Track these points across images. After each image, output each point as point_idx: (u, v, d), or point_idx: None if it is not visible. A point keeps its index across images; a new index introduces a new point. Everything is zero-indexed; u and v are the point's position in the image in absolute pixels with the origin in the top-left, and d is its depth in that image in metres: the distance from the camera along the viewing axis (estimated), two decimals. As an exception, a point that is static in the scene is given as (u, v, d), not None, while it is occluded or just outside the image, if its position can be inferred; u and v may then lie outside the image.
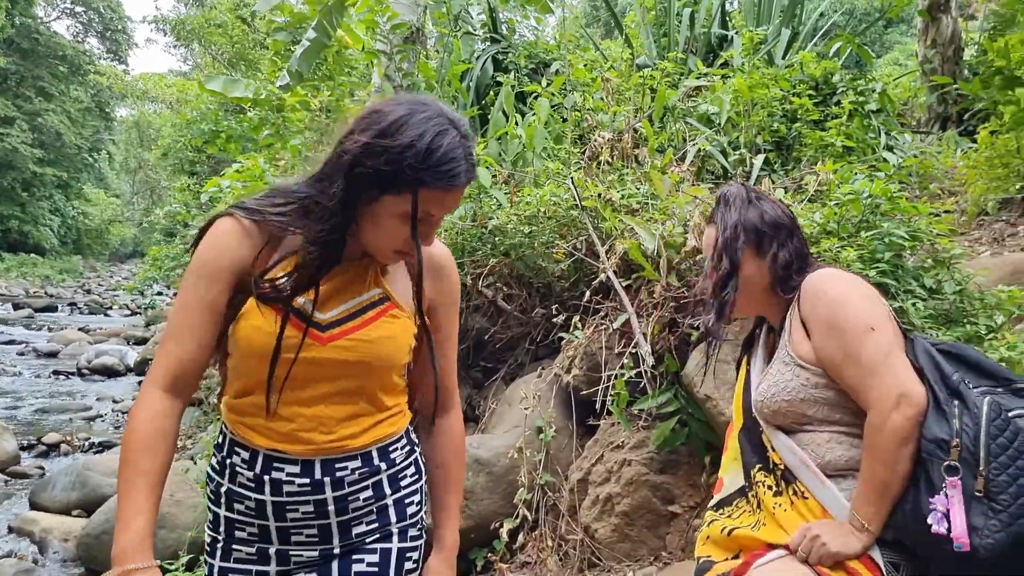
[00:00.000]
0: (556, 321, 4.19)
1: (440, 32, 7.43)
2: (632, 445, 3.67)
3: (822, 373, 1.82)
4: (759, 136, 5.85)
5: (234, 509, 1.55)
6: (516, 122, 5.33)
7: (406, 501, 1.64)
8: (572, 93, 6.09)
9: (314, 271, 1.44)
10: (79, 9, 43.57)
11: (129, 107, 45.35)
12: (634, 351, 3.57)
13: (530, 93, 6.15)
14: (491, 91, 7.77)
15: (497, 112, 5.93)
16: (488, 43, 8.58)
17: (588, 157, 4.72)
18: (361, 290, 1.54)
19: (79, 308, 23.63)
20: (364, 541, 1.57)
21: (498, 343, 4.86)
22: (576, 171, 4.56)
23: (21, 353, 14.34)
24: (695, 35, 8.66)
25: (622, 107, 5.20)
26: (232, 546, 1.55)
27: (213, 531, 1.59)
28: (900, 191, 3.49)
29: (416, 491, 1.67)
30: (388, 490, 1.60)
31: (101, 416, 9.82)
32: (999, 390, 1.67)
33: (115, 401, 10.62)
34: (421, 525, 1.68)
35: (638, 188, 4.32)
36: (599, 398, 3.74)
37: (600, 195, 4.12)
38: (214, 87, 8.03)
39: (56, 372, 12.47)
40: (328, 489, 1.52)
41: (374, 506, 1.58)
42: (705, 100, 5.97)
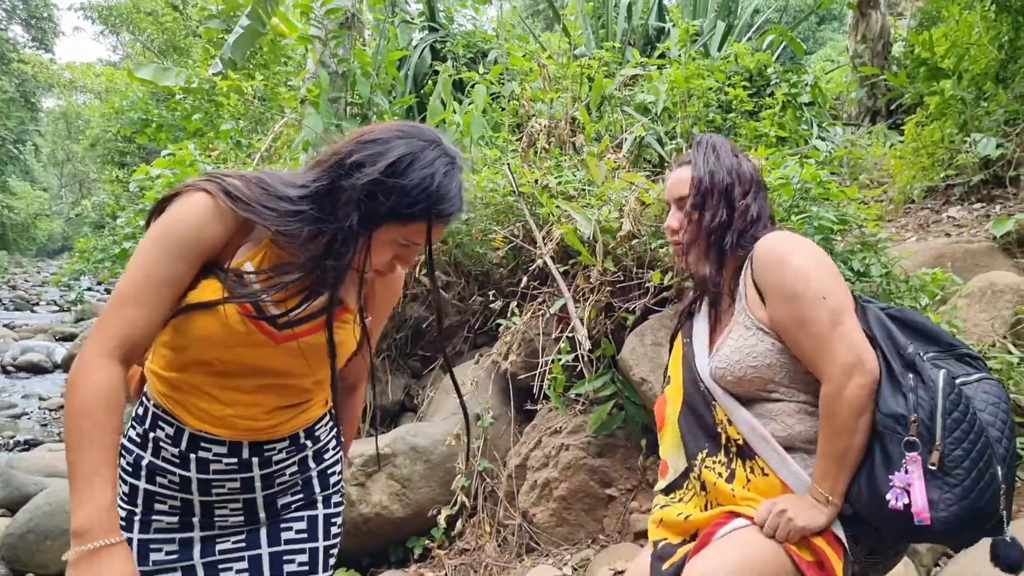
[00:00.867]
0: (494, 307, 4.17)
1: (376, 19, 7.34)
2: (570, 430, 3.67)
3: (778, 339, 1.78)
4: (695, 126, 5.92)
5: (156, 483, 1.51)
6: (454, 110, 5.29)
7: (329, 472, 1.69)
8: (510, 82, 6.08)
9: (321, 290, 1.47)
10: (2, -5, 41.98)
11: (56, 97, 43.84)
12: (571, 336, 3.57)
13: (468, 82, 6.11)
14: (429, 80, 7.72)
15: (435, 100, 5.88)
16: (426, 32, 8.51)
17: (525, 144, 4.71)
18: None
19: (3, 304, 22.78)
20: (290, 510, 1.61)
21: (436, 331, 4.82)
22: (513, 158, 4.55)
23: (-58, 351, 13.77)
24: (633, 27, 8.73)
25: (559, 93, 5.19)
26: (152, 517, 1.52)
27: (129, 504, 1.53)
28: (830, 180, 3.56)
29: (337, 460, 1.73)
30: (313, 464, 1.66)
31: (27, 414, 9.48)
32: (944, 356, 1.67)
33: (42, 399, 10.26)
34: (342, 491, 1.73)
35: (575, 175, 4.33)
36: (537, 383, 3.74)
37: (537, 181, 4.12)
38: (144, 75, 7.80)
39: (-21, 370, 12.01)
40: (255, 468, 1.54)
41: (299, 479, 1.63)
42: (642, 90, 6.01)
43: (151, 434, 1.51)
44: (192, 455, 1.48)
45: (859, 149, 6.18)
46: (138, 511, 1.52)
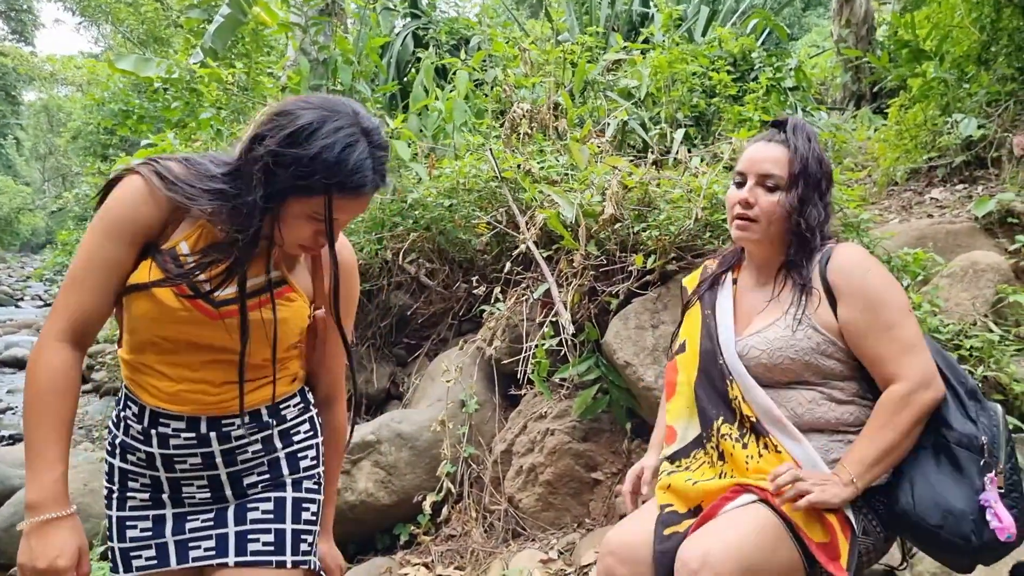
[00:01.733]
0: (478, 293, 4.16)
1: (358, 5, 7.28)
2: (555, 415, 3.67)
3: (832, 341, 1.82)
4: (679, 111, 5.91)
5: (127, 460, 1.58)
6: (436, 96, 5.26)
7: (299, 455, 1.67)
8: (493, 68, 6.05)
9: (236, 265, 1.47)
10: (-20, -12, 41.49)
11: (37, 91, 43.40)
12: (555, 320, 3.57)
13: (451, 69, 6.08)
14: (411, 67, 7.68)
15: (418, 87, 5.85)
16: (408, 18, 8.46)
17: (507, 129, 4.69)
18: (259, 271, 1.54)
19: (-12, 300, 22.61)
20: (257, 490, 1.60)
21: (421, 319, 4.81)
22: (496, 143, 4.53)
23: (-75, 347, 13.64)
24: (616, 12, 8.71)
25: (541, 78, 5.17)
26: (127, 495, 1.58)
27: (109, 482, 1.61)
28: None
29: (311, 447, 1.70)
30: (279, 444, 1.64)
31: (12, 409, 9.42)
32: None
33: (26, 393, 10.20)
34: (319, 481, 1.69)
35: (557, 159, 4.31)
36: (521, 369, 3.73)
37: (519, 166, 4.10)
38: (125, 66, 7.73)
39: (-37, 365, 11.90)
40: (214, 443, 1.55)
41: (265, 459, 1.61)
42: (625, 75, 5.99)
43: (122, 414, 1.58)
44: (153, 431, 1.53)
45: (843, 133, 6.18)
46: (116, 488, 1.60)
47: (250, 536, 1.56)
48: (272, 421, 1.62)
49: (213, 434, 1.55)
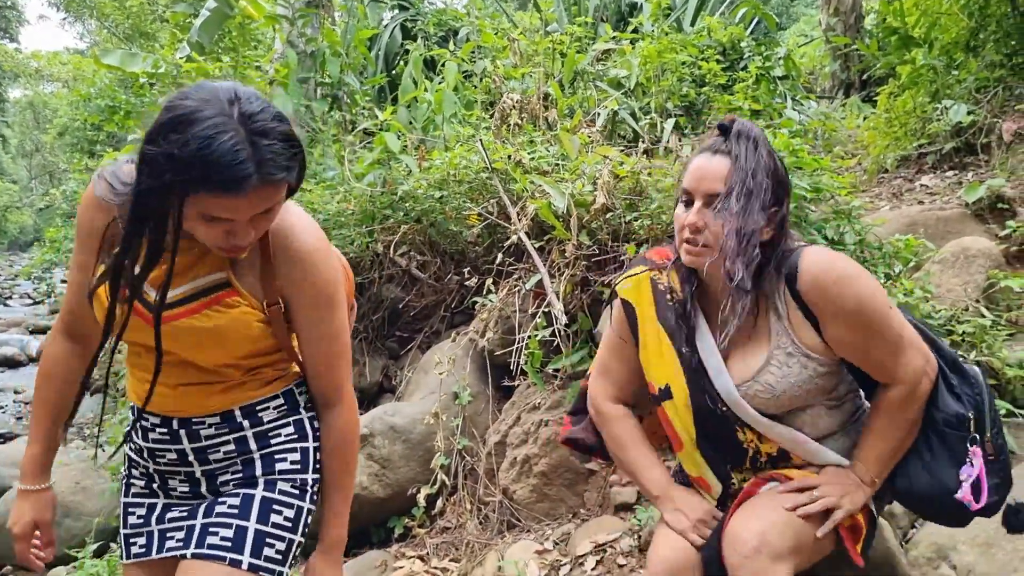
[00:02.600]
0: (470, 285, 4.15)
1: (345, -3, 7.25)
2: (548, 405, 3.66)
3: (821, 361, 1.75)
4: (669, 101, 5.90)
5: (131, 449, 1.64)
6: (425, 88, 5.24)
7: (276, 456, 1.58)
8: (482, 59, 6.03)
9: (116, 268, 1.37)
10: (-37, -16, 41.09)
11: (23, 87, 43.06)
12: (547, 311, 3.56)
13: (440, 61, 6.06)
14: (400, 59, 7.65)
15: (407, 79, 5.82)
16: (396, 10, 8.42)
17: (497, 119, 4.67)
18: (202, 272, 1.46)
19: (-25, 299, 22.43)
20: (228, 487, 1.58)
21: (413, 312, 4.79)
22: (486, 134, 4.51)
23: (-86, 347, 13.54)
24: (604, 3, 8.69)
25: (529, 68, 5.16)
26: (131, 481, 1.65)
27: (124, 469, 1.67)
28: (802, 147, 3.55)
29: (292, 449, 1.60)
30: (254, 445, 1.58)
31: (2, 407, 9.37)
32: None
33: (16, 392, 10.15)
34: (301, 487, 1.59)
35: (548, 150, 4.30)
36: (514, 360, 3.72)
37: (510, 157, 4.08)
38: (111, 62, 7.65)
39: (-48, 365, 11.82)
40: (184, 441, 1.55)
41: (238, 459, 1.57)
42: (615, 65, 5.98)
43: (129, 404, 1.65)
44: (138, 424, 1.59)
45: (833, 122, 6.19)
46: (125, 475, 1.67)
47: (211, 529, 1.51)
48: (245, 423, 1.57)
49: (183, 431, 1.55)
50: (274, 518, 1.54)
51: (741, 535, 1.66)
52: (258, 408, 1.58)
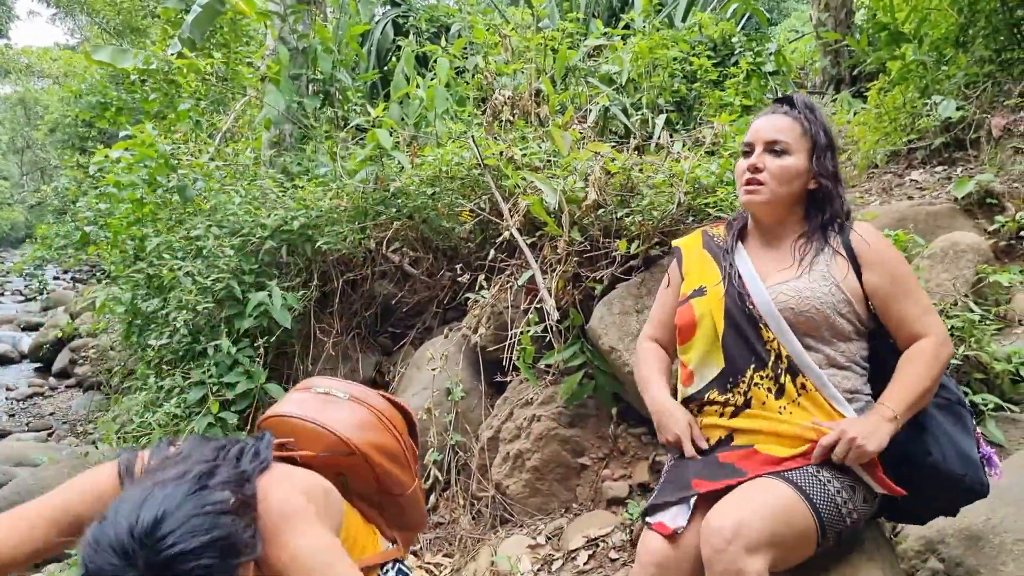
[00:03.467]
0: (462, 281, 4.15)
1: (337, -7, 7.23)
2: (541, 401, 3.67)
3: (850, 302, 1.94)
4: (660, 96, 5.91)
5: None
6: (417, 84, 5.23)
7: None
8: (474, 56, 6.03)
9: None
10: (-48, -20, 40.73)
11: (13, 83, 42.75)
12: (539, 307, 3.57)
13: (432, 57, 6.05)
14: (392, 55, 7.64)
15: (399, 75, 5.82)
16: (388, 6, 8.40)
17: (489, 116, 4.68)
18: None
19: (-33, 296, 22.30)
20: None
21: (405, 308, 4.80)
22: (478, 130, 4.51)
23: (-95, 344, 13.48)
24: (596, -1, 8.69)
25: (522, 65, 5.16)
26: None
27: None
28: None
29: None
30: None
31: (-8, 405, 9.36)
32: None
33: (8, 389, 10.14)
34: None
35: (540, 146, 4.31)
36: (506, 356, 3.73)
37: (502, 153, 4.09)
38: (102, 58, 7.63)
39: (-56, 362, 11.78)
40: None
41: None
42: (606, 61, 5.99)
43: None
44: None
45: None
46: None
47: None
48: None
49: None
50: None
51: (716, 526, 1.70)
52: None
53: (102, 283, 6.04)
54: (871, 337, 2.03)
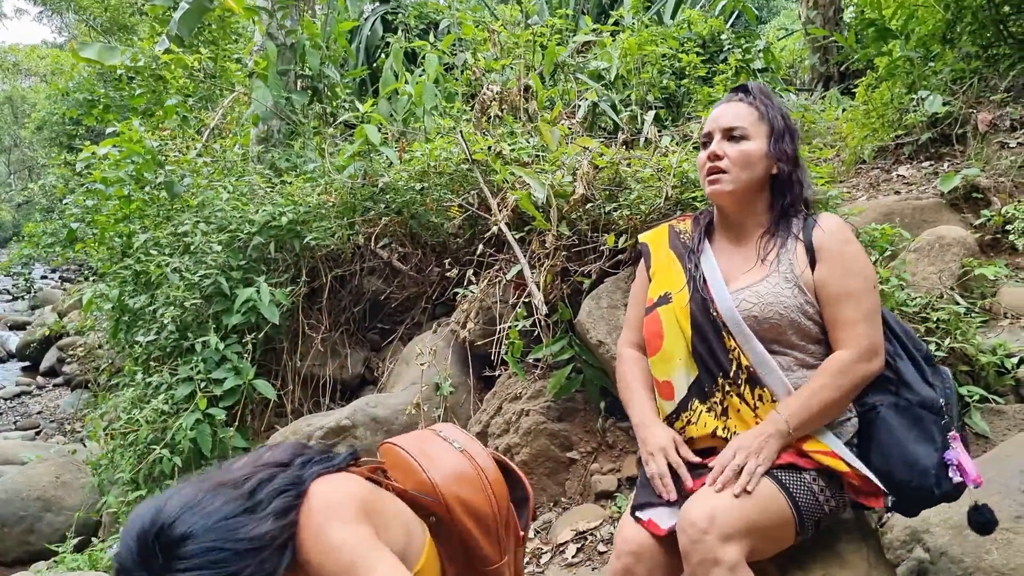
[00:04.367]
0: (451, 276, 4.15)
1: (325, -11, 7.21)
2: (529, 395, 3.67)
3: (812, 302, 1.92)
4: (649, 93, 5.92)
5: None
6: (405, 80, 5.23)
7: None
8: (463, 52, 6.02)
9: None
10: (-62, -22, 40.47)
11: (0, 82, 42.47)
12: (527, 301, 3.57)
13: (421, 54, 6.04)
14: (381, 53, 7.62)
15: (387, 71, 5.81)
16: (377, 3, 8.39)
17: (478, 111, 4.68)
18: None
19: (-45, 296, 22.16)
20: None
21: (394, 304, 4.79)
22: (466, 125, 4.51)
23: None
24: (586, -4, 8.69)
25: (511, 59, 5.15)
26: None
27: None
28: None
29: None
30: None
31: (-20, 405, 9.30)
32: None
33: (-4, 388, 10.09)
34: None
35: (528, 141, 4.31)
36: (495, 350, 3.73)
37: (490, 148, 4.09)
38: (89, 55, 7.59)
39: (-70, 362, 11.71)
40: None
41: None
42: (595, 57, 5.99)
43: None
44: None
45: (812, 114, 6.22)
46: None
47: None
48: None
49: None
50: None
51: (691, 517, 1.71)
52: None
53: (89, 280, 6.01)
54: None
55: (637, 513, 1.91)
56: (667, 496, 1.90)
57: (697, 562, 1.67)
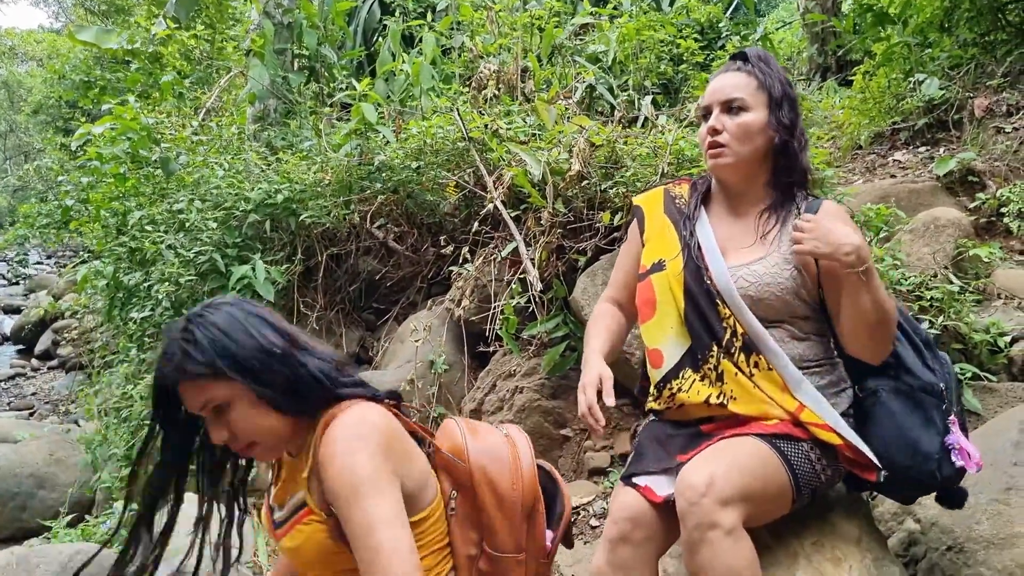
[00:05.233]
0: (446, 253, 4.15)
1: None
2: (523, 373, 3.68)
3: (806, 283, 1.89)
4: (647, 79, 5.92)
5: None
6: (403, 60, 5.22)
7: None
8: (460, 34, 6.01)
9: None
10: (-66, -39, 40.15)
11: (-4, 67, 42.19)
12: (522, 277, 3.57)
13: (418, 36, 6.02)
14: (378, 35, 7.60)
15: (384, 53, 5.80)
16: (375, -15, 8.34)
17: (475, 88, 4.67)
18: (294, 492, 1.56)
19: (-50, 281, 22.10)
20: None
21: (389, 283, 4.79)
22: (463, 104, 4.50)
23: None
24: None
25: (508, 39, 5.14)
26: None
27: None
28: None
29: None
30: None
31: (-23, 387, 9.30)
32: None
33: (-8, 369, 10.07)
34: None
35: (525, 120, 4.30)
36: (489, 327, 3.74)
37: (487, 126, 4.08)
38: (86, 38, 7.56)
39: (-76, 345, 11.68)
40: None
41: None
42: (593, 41, 5.99)
43: None
44: None
45: (809, 102, 6.22)
46: None
47: None
48: None
49: None
50: None
51: (689, 481, 1.69)
52: None
53: (85, 259, 6.00)
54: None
55: (634, 479, 1.91)
56: (596, 428, 1.91)
57: (694, 525, 1.66)
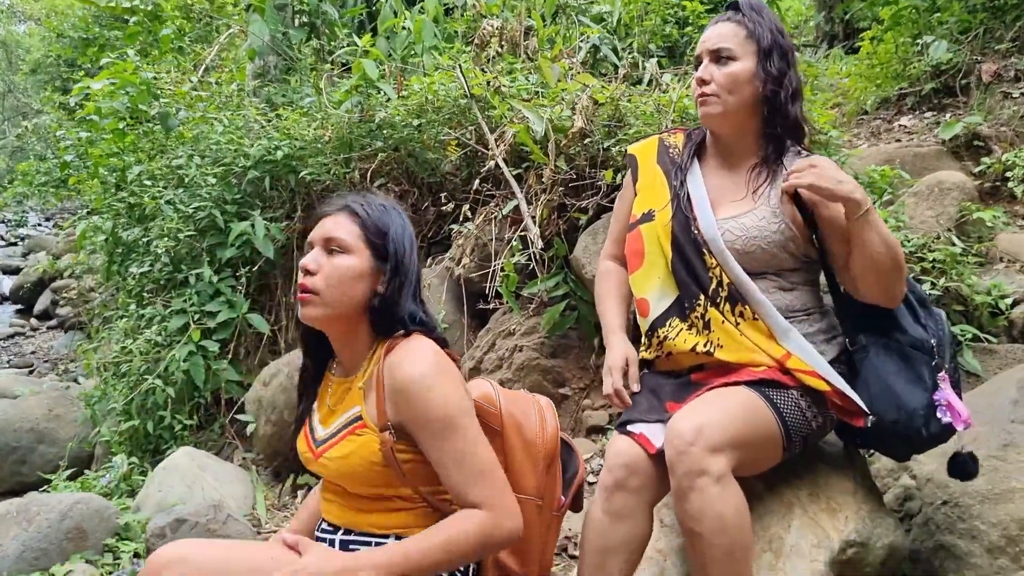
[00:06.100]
0: (446, 211, 4.12)
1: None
2: (523, 331, 3.68)
3: (795, 237, 1.90)
4: (651, 42, 5.85)
5: None
6: (405, 17, 5.15)
7: None
8: (464, -7, 5.92)
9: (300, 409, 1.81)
10: (-69, -83, 39.55)
11: (-6, 27, 41.78)
12: (523, 235, 3.56)
13: (421, -6, 5.94)
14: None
15: (386, 9, 5.71)
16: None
17: (477, 45, 4.61)
18: (347, 408, 1.65)
19: (-51, 240, 22.06)
20: None
21: (390, 243, 4.76)
22: (465, 61, 4.45)
23: None
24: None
25: (511, -1, 5.08)
26: None
27: None
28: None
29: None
30: None
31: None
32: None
33: (-8, 330, 10.08)
34: None
35: (528, 78, 4.25)
36: (489, 285, 3.72)
37: (489, 83, 4.03)
38: (85, -5, 7.47)
39: (-78, 304, 11.68)
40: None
41: None
42: (598, 1, 5.91)
43: None
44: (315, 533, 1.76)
45: (815, 68, 6.17)
46: None
47: None
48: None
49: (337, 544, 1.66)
50: None
51: (678, 429, 1.70)
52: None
53: (84, 216, 5.96)
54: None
55: (628, 427, 1.91)
56: (624, 406, 2.00)
57: (683, 473, 1.67)
